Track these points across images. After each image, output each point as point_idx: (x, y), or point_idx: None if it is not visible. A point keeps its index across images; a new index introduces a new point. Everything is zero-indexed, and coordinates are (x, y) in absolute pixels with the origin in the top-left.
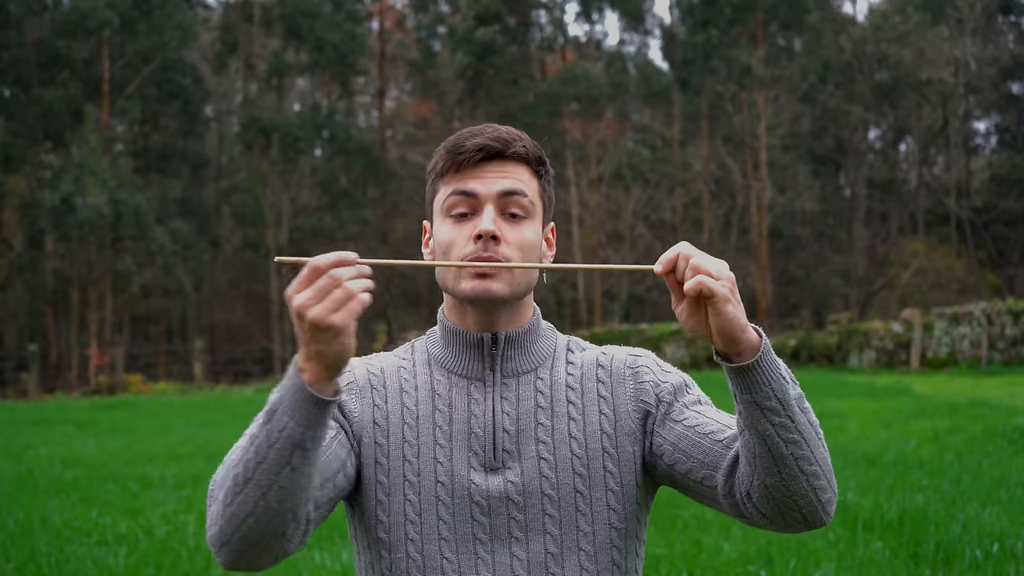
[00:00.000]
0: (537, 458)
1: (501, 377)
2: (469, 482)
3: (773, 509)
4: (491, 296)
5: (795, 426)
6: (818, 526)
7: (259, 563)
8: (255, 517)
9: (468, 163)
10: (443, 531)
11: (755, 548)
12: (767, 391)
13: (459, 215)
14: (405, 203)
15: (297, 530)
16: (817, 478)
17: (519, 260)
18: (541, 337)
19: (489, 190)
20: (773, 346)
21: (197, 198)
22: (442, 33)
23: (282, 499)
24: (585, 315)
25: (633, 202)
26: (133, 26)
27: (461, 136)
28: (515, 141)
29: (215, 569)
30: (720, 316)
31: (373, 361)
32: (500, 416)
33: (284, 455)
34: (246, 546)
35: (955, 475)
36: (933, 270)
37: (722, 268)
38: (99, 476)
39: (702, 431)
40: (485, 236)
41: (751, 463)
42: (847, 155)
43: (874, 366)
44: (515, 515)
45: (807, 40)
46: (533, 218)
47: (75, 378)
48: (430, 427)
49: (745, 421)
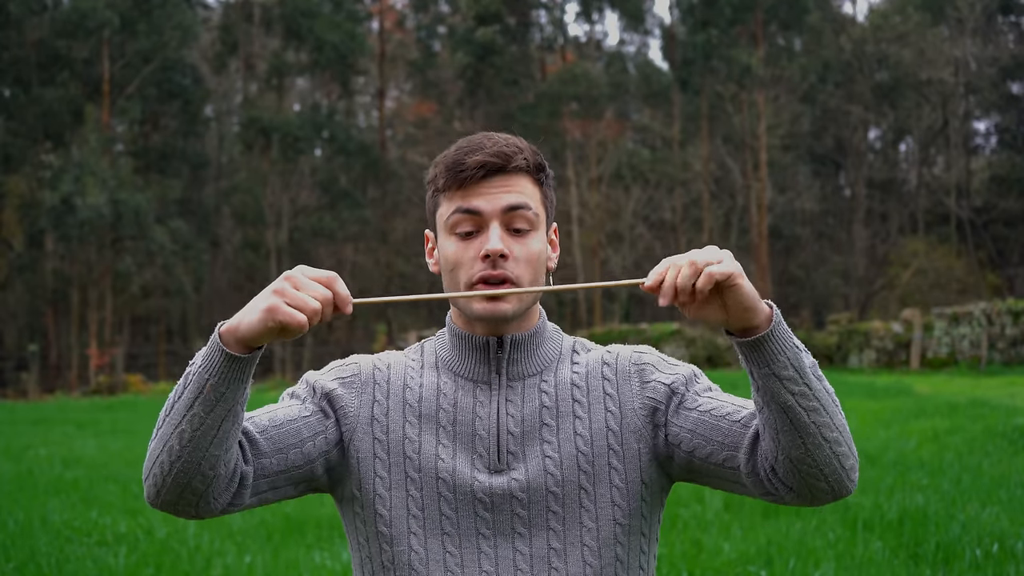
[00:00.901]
0: (542, 456)
1: (507, 380)
2: (472, 479)
3: (800, 481)
4: (501, 315)
5: (813, 394)
6: (844, 494)
7: (176, 507)
8: (167, 453)
9: (470, 180)
10: (446, 526)
11: (755, 548)
12: (784, 360)
13: (464, 233)
14: (405, 203)
15: (219, 488)
16: (839, 444)
17: (527, 275)
18: (547, 340)
19: (493, 207)
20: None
21: (197, 198)
22: (442, 33)
23: (184, 443)
24: (585, 315)
25: (633, 202)
26: (133, 26)
27: (461, 151)
28: (516, 155)
29: (215, 569)
30: (738, 292)
31: (382, 357)
32: (505, 419)
33: (189, 399)
34: (160, 485)
35: (955, 475)
36: (933, 270)
37: (714, 251)
38: (99, 476)
39: (718, 414)
40: (493, 255)
41: (774, 438)
42: (847, 155)
43: (874, 366)
44: (519, 511)
45: (807, 40)
46: (538, 229)
47: (75, 378)
48: (433, 426)
49: (764, 396)
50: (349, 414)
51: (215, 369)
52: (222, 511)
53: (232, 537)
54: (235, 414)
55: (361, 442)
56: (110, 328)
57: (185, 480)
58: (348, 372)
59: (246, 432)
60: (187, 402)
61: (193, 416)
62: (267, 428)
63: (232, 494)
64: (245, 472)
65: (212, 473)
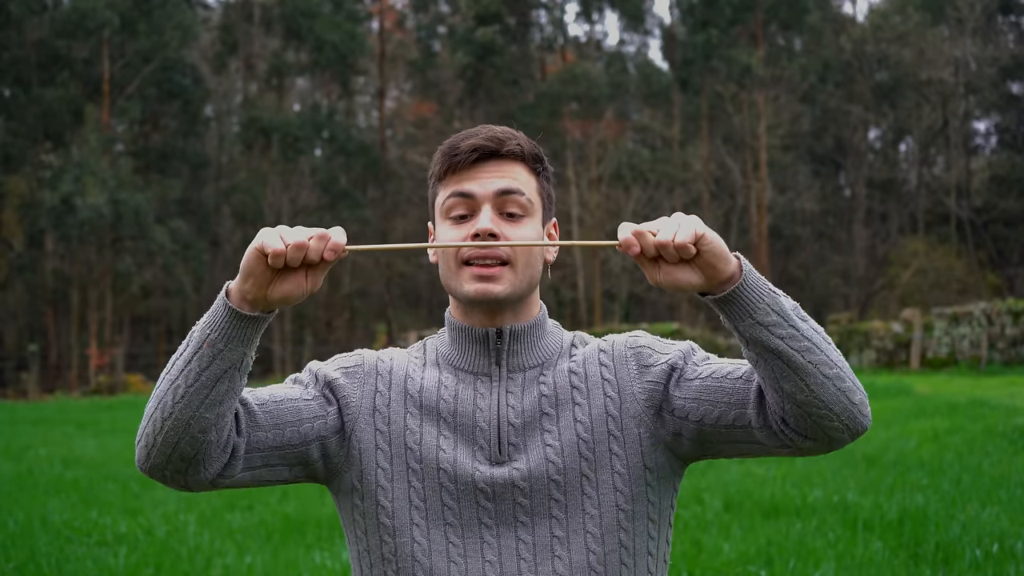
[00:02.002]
0: (543, 446)
1: (507, 372)
2: (474, 470)
3: (812, 426)
4: (493, 297)
5: (801, 334)
6: (860, 431)
7: (165, 472)
8: (159, 410)
9: (464, 164)
10: (448, 516)
11: (755, 548)
12: (764, 307)
13: (458, 216)
14: (405, 203)
15: (210, 456)
16: (842, 380)
17: (521, 257)
18: (547, 334)
19: (486, 190)
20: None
21: (197, 198)
22: (442, 33)
23: (176, 399)
24: (585, 315)
25: (633, 202)
26: (133, 26)
27: (457, 138)
28: (509, 140)
29: (215, 569)
30: (708, 246)
31: (386, 352)
32: (505, 410)
33: (188, 355)
34: (151, 445)
35: (955, 475)
36: (933, 270)
37: (674, 218)
38: (99, 476)
39: (719, 375)
40: (483, 235)
41: (777, 389)
42: (847, 155)
43: (874, 366)
44: (521, 500)
45: (807, 40)
46: (532, 216)
47: (75, 378)
48: (434, 418)
49: (755, 348)
50: (351, 404)
51: (216, 324)
52: (212, 482)
53: (232, 537)
54: (231, 378)
55: (363, 432)
56: (110, 328)
57: (174, 439)
58: (351, 363)
59: (245, 402)
60: (186, 358)
61: (189, 371)
62: (267, 402)
63: (223, 464)
64: (237, 443)
65: (203, 437)
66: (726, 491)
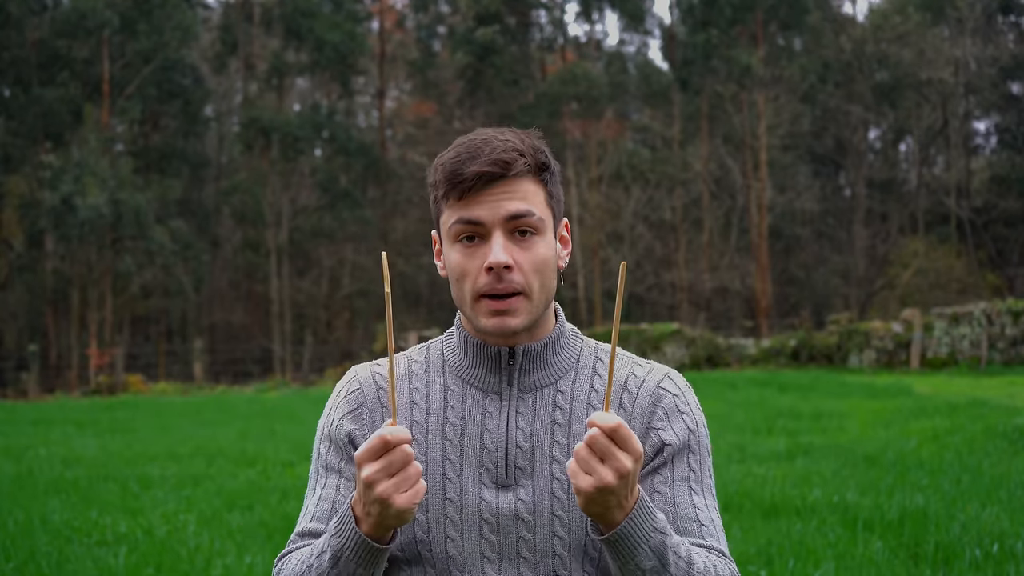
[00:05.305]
0: (550, 477)
1: (518, 391)
2: (479, 499)
3: None
4: (511, 331)
5: None
6: None
7: None
8: None
9: (469, 191)
10: (451, 549)
11: (755, 548)
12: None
13: (468, 239)
14: (405, 203)
15: None
16: None
17: (536, 282)
18: (564, 347)
19: (495, 215)
20: (773, 346)
21: (197, 198)
22: (442, 33)
23: None
24: (585, 315)
25: (633, 202)
26: (133, 26)
27: (460, 158)
28: (515, 161)
29: (215, 569)
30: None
31: (381, 367)
32: (514, 432)
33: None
34: None
35: (955, 475)
36: (933, 270)
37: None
38: (99, 476)
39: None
40: (497, 268)
41: None
42: (847, 155)
43: (874, 366)
44: (524, 534)
45: (807, 40)
46: (544, 232)
47: (75, 378)
48: (440, 442)
49: None
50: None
51: (368, 562)
52: None
53: (232, 537)
54: None
55: None
56: (110, 328)
57: None
58: (354, 404)
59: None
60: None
61: None
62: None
63: None
64: None
65: None
66: (726, 491)
